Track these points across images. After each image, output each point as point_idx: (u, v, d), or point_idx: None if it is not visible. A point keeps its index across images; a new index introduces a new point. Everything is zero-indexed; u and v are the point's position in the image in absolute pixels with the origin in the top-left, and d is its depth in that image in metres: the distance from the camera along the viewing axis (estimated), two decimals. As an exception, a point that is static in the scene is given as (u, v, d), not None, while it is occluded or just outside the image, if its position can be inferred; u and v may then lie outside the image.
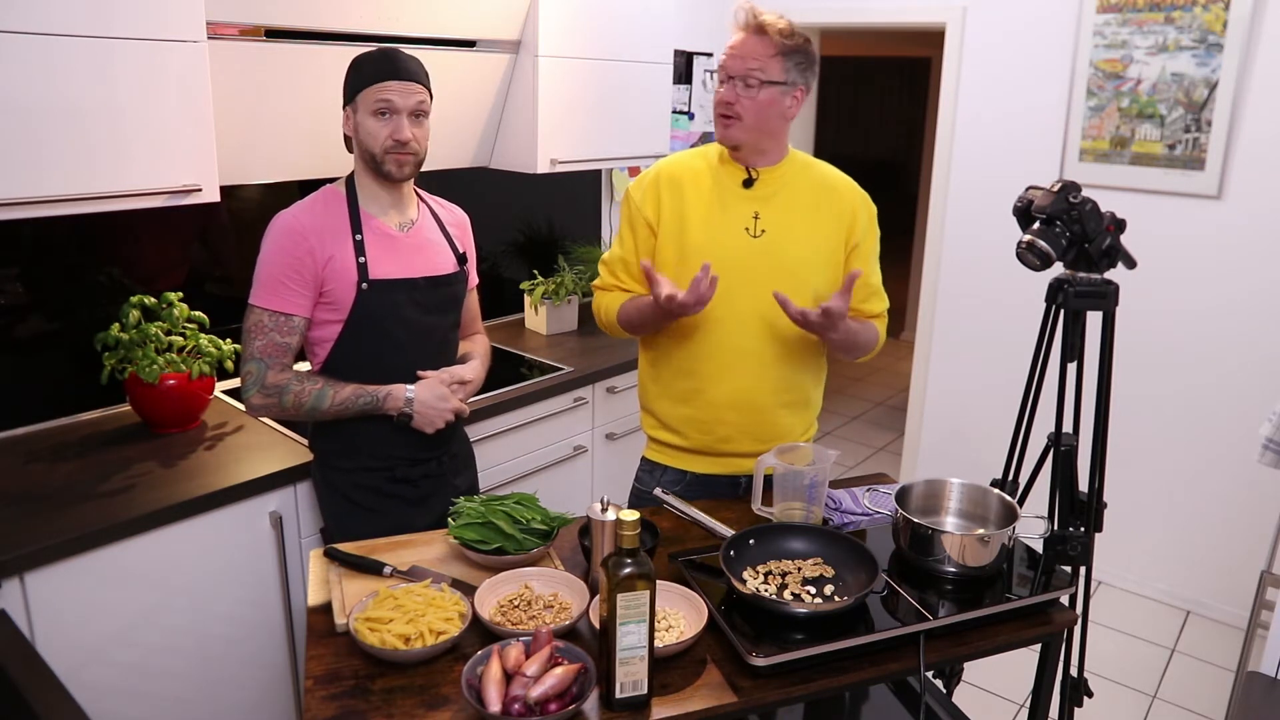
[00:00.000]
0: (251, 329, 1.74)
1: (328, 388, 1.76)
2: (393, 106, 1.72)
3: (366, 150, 1.76)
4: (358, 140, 1.77)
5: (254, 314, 1.74)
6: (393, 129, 1.73)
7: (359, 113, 1.75)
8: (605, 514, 1.47)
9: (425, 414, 1.80)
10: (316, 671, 1.30)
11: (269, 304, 1.73)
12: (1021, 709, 2.74)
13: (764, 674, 1.30)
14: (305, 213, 1.77)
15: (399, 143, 1.74)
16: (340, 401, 1.76)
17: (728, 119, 1.75)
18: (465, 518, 1.59)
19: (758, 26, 1.73)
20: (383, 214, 1.82)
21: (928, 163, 5.88)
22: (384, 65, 1.73)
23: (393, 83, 1.72)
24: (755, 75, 1.71)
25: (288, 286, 1.73)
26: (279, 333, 1.74)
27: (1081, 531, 1.74)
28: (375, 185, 1.81)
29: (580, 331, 3.21)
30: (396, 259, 1.81)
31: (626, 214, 1.88)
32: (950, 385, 3.82)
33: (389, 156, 1.75)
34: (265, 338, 1.74)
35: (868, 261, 1.88)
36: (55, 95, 1.75)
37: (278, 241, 1.74)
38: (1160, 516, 3.34)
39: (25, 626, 1.69)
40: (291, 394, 1.74)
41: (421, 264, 1.84)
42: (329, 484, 1.89)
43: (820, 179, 1.86)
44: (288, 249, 1.73)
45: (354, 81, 1.75)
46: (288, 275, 1.73)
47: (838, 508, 1.76)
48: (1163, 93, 3.08)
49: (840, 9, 3.85)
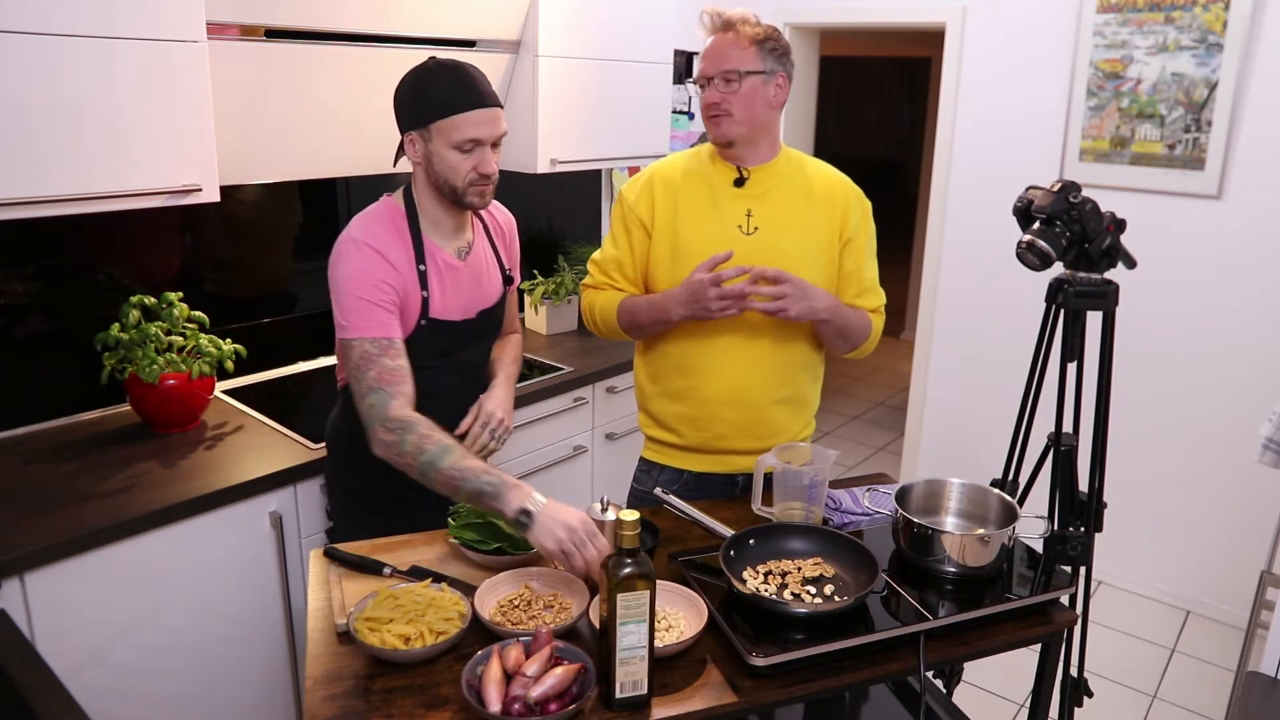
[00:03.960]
0: (360, 363, 1.57)
1: (455, 449, 1.51)
2: (480, 142, 1.61)
3: (445, 182, 1.63)
4: (431, 169, 1.64)
5: (356, 347, 1.58)
6: (477, 162, 1.61)
7: (433, 142, 1.61)
8: (605, 514, 1.47)
9: (548, 523, 1.41)
10: (316, 671, 1.30)
11: (368, 332, 1.58)
12: (1021, 709, 2.74)
13: (764, 674, 1.30)
14: (380, 234, 1.64)
15: (484, 176, 1.63)
16: (461, 469, 1.48)
17: (716, 118, 1.77)
18: (465, 518, 1.59)
19: (724, 24, 1.76)
20: (445, 241, 1.73)
21: (928, 163, 5.88)
22: (464, 93, 1.59)
23: (478, 113, 1.59)
24: (733, 70, 1.73)
25: (381, 308, 1.59)
26: (388, 357, 1.58)
27: (1081, 531, 1.74)
28: (440, 211, 1.70)
29: (580, 331, 3.21)
30: (456, 295, 1.74)
31: (620, 215, 1.88)
32: (950, 385, 3.82)
33: (472, 189, 1.64)
34: (376, 366, 1.57)
35: (862, 257, 1.88)
36: (55, 95, 1.75)
37: (358, 266, 1.60)
38: (1160, 516, 3.34)
39: (25, 626, 1.69)
40: (416, 435, 1.51)
41: (477, 298, 1.79)
42: (343, 486, 1.86)
43: (812, 175, 1.86)
44: (372, 271, 1.60)
45: (425, 107, 1.60)
46: (377, 299, 1.59)
47: (838, 508, 1.76)
48: (1163, 93, 3.08)
49: (840, 9, 3.85)
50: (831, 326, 1.80)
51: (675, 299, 1.75)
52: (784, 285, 1.68)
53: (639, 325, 1.85)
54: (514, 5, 2.65)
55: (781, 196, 1.82)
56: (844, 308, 1.83)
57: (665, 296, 1.78)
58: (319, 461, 2.07)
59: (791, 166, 1.85)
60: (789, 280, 1.69)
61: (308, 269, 2.71)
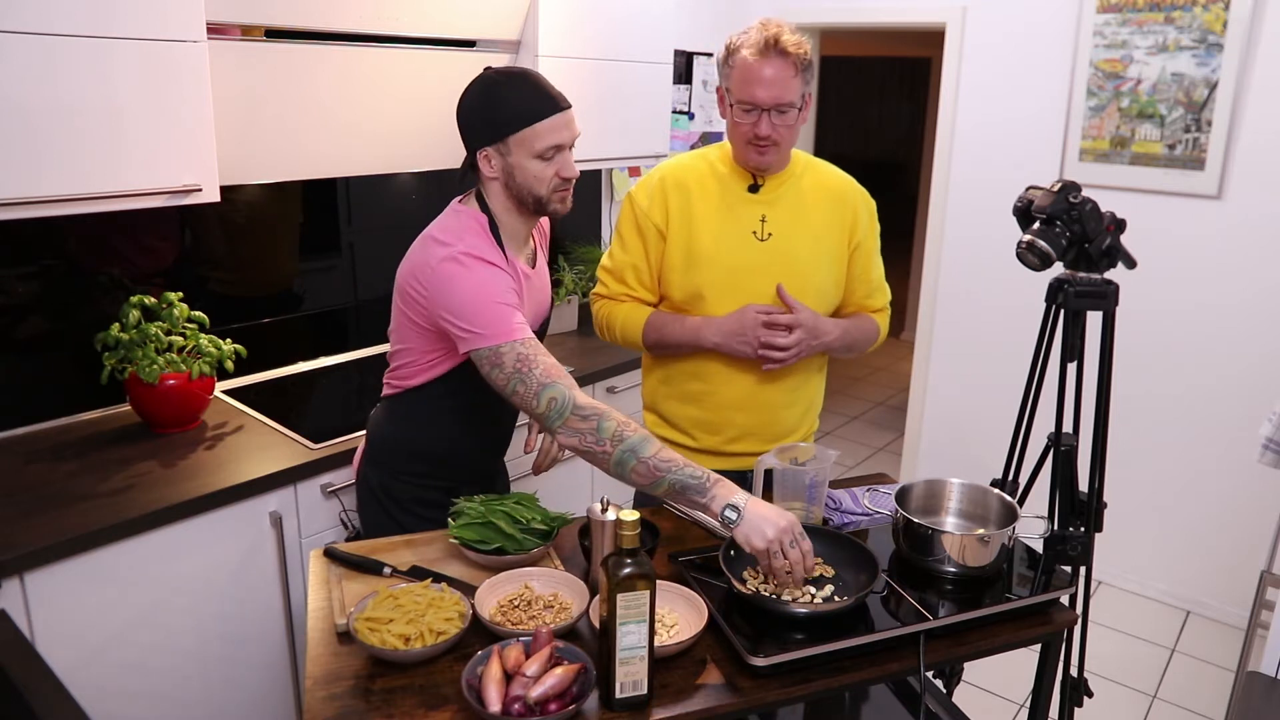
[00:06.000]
0: (518, 366, 1.49)
1: (653, 439, 1.47)
2: (561, 147, 1.59)
3: (529, 193, 1.61)
4: (513, 182, 1.60)
5: (508, 352, 1.50)
6: (559, 167, 1.60)
7: (513, 155, 1.58)
8: (605, 514, 1.47)
9: (755, 523, 1.39)
10: (316, 671, 1.30)
11: (514, 335, 1.51)
12: (1021, 709, 2.74)
13: (764, 674, 1.30)
14: (484, 248, 1.59)
15: (567, 180, 1.62)
16: (665, 460, 1.44)
17: (764, 149, 1.72)
18: (465, 518, 1.59)
19: (780, 49, 1.65)
20: (520, 251, 1.70)
21: (928, 163, 5.88)
22: (540, 100, 1.57)
23: (556, 118, 1.58)
24: (791, 104, 1.68)
25: (516, 311, 1.54)
26: (542, 355, 1.52)
27: (1081, 531, 1.74)
28: (517, 221, 1.67)
29: (580, 331, 3.21)
30: (530, 303, 1.71)
31: (632, 219, 1.85)
32: (950, 385, 3.82)
33: (555, 195, 1.62)
34: (538, 364, 1.50)
35: (870, 258, 1.90)
36: (55, 95, 1.75)
37: (483, 274, 1.54)
38: (1160, 516, 3.34)
39: (25, 626, 1.69)
40: (614, 423, 1.46)
41: (543, 305, 1.80)
42: (387, 492, 1.81)
43: (822, 180, 1.86)
44: (496, 280, 1.55)
45: (501, 121, 1.56)
46: (512, 302, 1.55)
47: (838, 508, 1.76)
48: (1163, 93, 3.08)
49: (840, 9, 3.85)
50: (839, 349, 1.86)
51: (717, 326, 1.77)
52: (797, 332, 1.73)
53: (666, 344, 1.85)
54: (514, 5, 2.65)
55: (794, 202, 1.82)
56: (851, 329, 1.86)
57: (705, 322, 1.78)
58: (319, 461, 2.07)
59: (801, 170, 1.85)
60: (801, 325, 1.73)
61: (308, 269, 2.71)
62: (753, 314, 1.74)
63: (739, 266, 1.78)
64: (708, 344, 1.78)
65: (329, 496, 2.12)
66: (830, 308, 1.87)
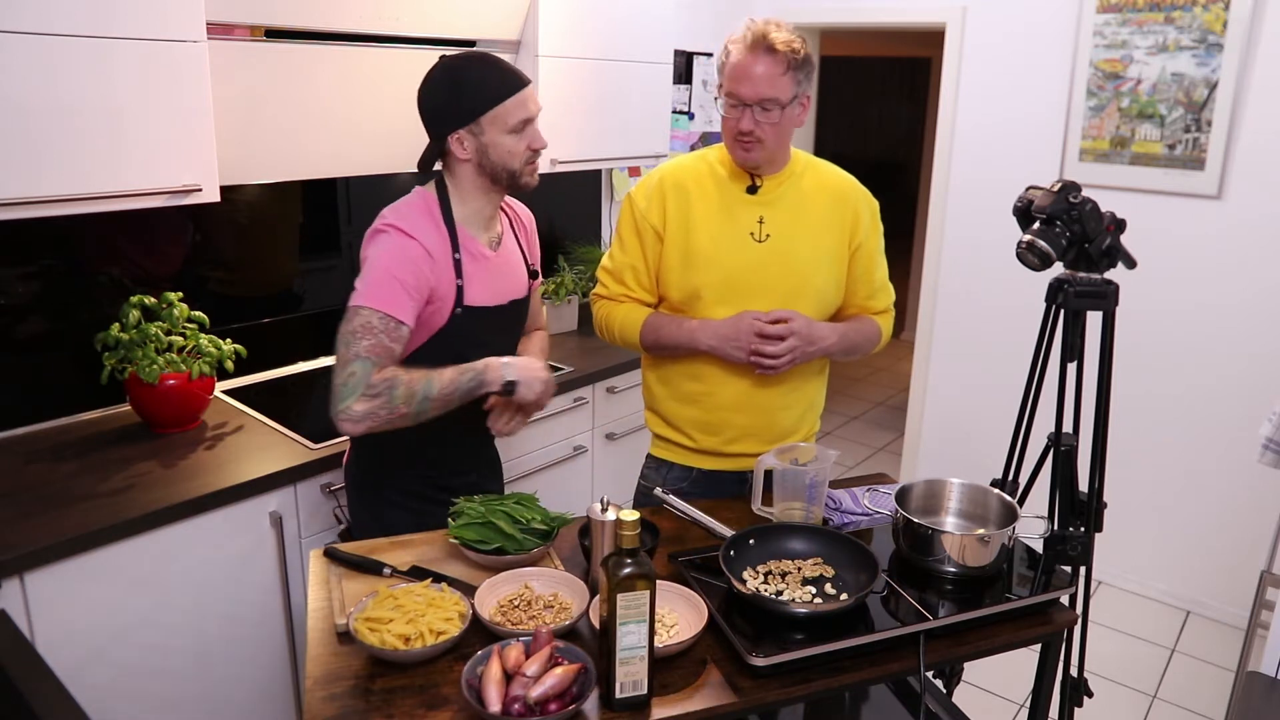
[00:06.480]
0: (359, 330, 1.58)
1: (431, 373, 1.60)
2: (532, 117, 1.66)
3: (503, 169, 1.67)
4: (487, 160, 1.66)
5: (362, 314, 1.59)
6: (530, 139, 1.67)
7: (488, 133, 1.64)
8: (605, 514, 1.47)
9: (528, 378, 1.67)
10: (316, 671, 1.30)
11: (382, 306, 1.59)
12: (1021, 709, 2.74)
13: (764, 674, 1.30)
14: (421, 224, 1.66)
15: (537, 151, 1.69)
16: (447, 384, 1.61)
17: (747, 144, 1.72)
18: (465, 518, 1.59)
19: (768, 46, 1.66)
20: (479, 232, 1.75)
21: (928, 163, 5.88)
22: (504, 77, 1.64)
23: (523, 93, 1.64)
24: (776, 100, 1.68)
25: (403, 292, 1.61)
26: (387, 337, 1.60)
27: (1081, 531, 1.74)
28: (480, 199, 1.72)
29: (580, 331, 3.21)
30: (489, 283, 1.75)
31: (630, 220, 1.86)
32: (950, 385, 3.82)
33: (528, 168, 1.70)
34: (374, 339, 1.58)
35: (872, 259, 1.89)
36: (55, 95, 1.75)
37: (396, 245, 1.62)
38: (1160, 516, 3.34)
39: (25, 626, 1.69)
40: (403, 385, 1.57)
41: (508, 288, 1.81)
42: (370, 484, 1.83)
43: (822, 180, 1.86)
44: (408, 257, 1.62)
45: (471, 103, 1.62)
46: (405, 282, 1.61)
47: (838, 508, 1.76)
48: (1163, 93, 3.08)
49: (840, 9, 3.85)
50: (838, 354, 1.86)
51: (712, 330, 1.76)
52: (791, 338, 1.72)
53: (663, 345, 1.85)
54: (514, 5, 2.65)
55: (793, 203, 1.81)
56: (850, 333, 1.85)
57: (701, 325, 1.78)
58: (319, 461, 2.07)
59: (801, 171, 1.84)
60: (795, 333, 1.72)
61: (308, 269, 2.71)
62: (748, 320, 1.73)
63: (736, 267, 1.78)
64: (702, 347, 1.78)
65: (329, 496, 2.12)
66: (830, 309, 1.87)
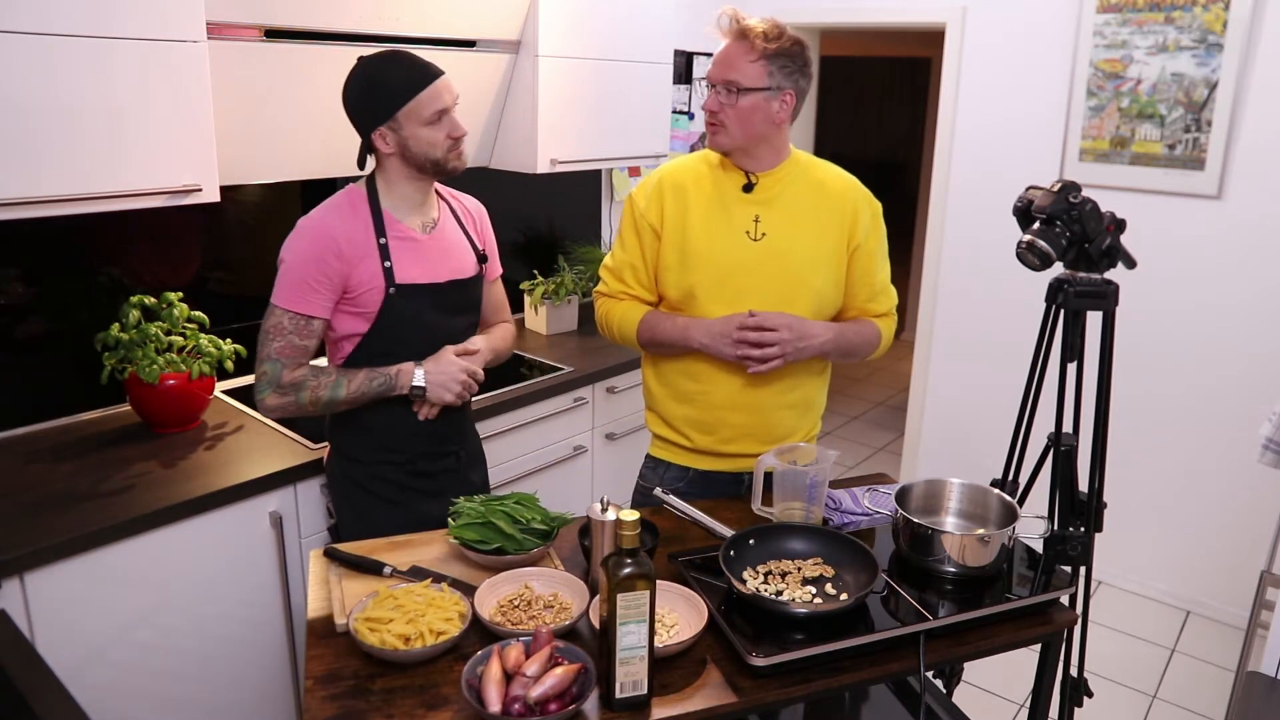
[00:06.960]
0: (271, 330, 1.72)
1: (341, 377, 1.74)
2: (446, 110, 1.72)
3: (426, 159, 1.73)
4: (409, 153, 1.73)
5: (274, 315, 1.72)
6: (449, 128, 1.73)
7: (406, 127, 1.70)
8: (605, 514, 1.47)
9: (436, 382, 1.78)
10: (316, 671, 1.30)
11: (291, 305, 1.71)
12: (1021, 709, 2.74)
13: (764, 674, 1.30)
14: (332, 216, 1.74)
15: (457, 139, 1.75)
16: (355, 388, 1.74)
17: (714, 126, 1.77)
18: (465, 518, 1.59)
19: (739, 32, 1.72)
20: (406, 216, 1.80)
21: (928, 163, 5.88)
22: (415, 73, 1.70)
23: (434, 85, 1.70)
24: (735, 83, 1.71)
25: (312, 289, 1.71)
26: (298, 335, 1.72)
27: (1081, 531, 1.74)
28: (408, 187, 1.79)
29: (580, 331, 3.21)
30: (422, 262, 1.79)
31: (630, 219, 1.87)
32: (950, 385, 3.82)
33: (451, 154, 1.75)
34: (284, 339, 1.72)
35: (873, 260, 1.88)
36: (55, 95, 1.75)
37: (305, 244, 1.72)
38: (1160, 516, 3.34)
39: (25, 626, 1.69)
40: (309, 389, 1.72)
41: (446, 268, 1.84)
42: (348, 477, 1.87)
43: (821, 180, 1.86)
44: (315, 252, 1.70)
45: (386, 101, 1.70)
46: (313, 278, 1.71)
47: (838, 508, 1.76)
48: (1163, 93, 3.08)
49: (840, 9, 3.85)
50: (834, 354, 1.85)
51: (705, 327, 1.77)
52: (780, 332, 1.71)
53: (659, 343, 1.85)
54: (514, 5, 2.65)
55: (790, 202, 1.81)
56: (846, 332, 1.84)
57: (694, 322, 1.79)
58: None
59: (801, 171, 1.84)
60: (786, 327, 1.71)
61: (308, 269, 2.70)
62: (739, 318, 1.74)
63: (732, 266, 1.78)
64: (695, 344, 1.78)
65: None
66: (829, 310, 1.86)
